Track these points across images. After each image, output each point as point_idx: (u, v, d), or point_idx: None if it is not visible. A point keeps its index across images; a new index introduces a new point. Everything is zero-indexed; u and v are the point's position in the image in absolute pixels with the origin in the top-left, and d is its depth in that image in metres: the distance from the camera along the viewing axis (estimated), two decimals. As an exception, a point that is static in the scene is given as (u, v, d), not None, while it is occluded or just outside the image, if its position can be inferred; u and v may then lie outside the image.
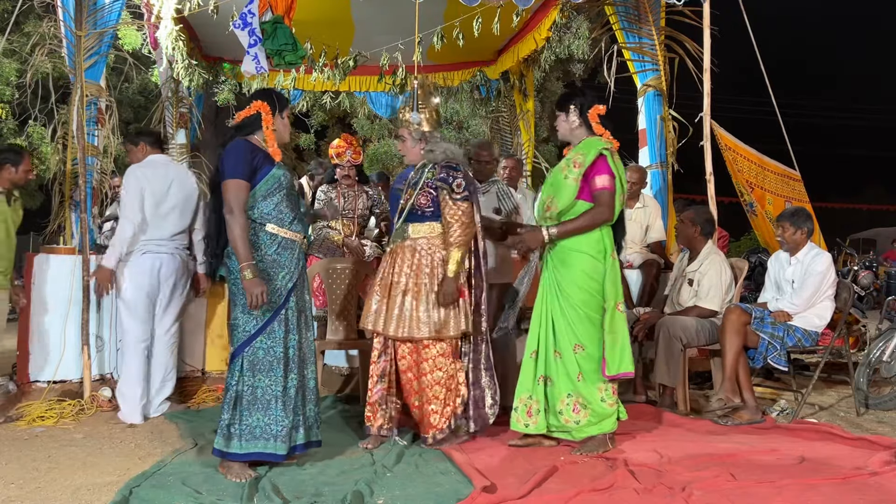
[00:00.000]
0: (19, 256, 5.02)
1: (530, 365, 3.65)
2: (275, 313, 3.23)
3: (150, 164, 4.37)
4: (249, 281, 3.11)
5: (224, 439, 3.18)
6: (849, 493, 2.97)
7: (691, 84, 5.69)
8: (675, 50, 5.83)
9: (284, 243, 3.28)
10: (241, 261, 3.13)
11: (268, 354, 3.21)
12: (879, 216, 23.88)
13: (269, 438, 3.19)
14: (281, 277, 3.25)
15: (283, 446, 3.20)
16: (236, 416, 3.19)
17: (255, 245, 3.23)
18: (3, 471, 3.33)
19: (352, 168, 5.29)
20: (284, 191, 3.29)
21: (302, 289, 3.38)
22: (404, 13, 5.47)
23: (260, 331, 3.21)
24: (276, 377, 3.21)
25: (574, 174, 3.57)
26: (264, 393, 3.20)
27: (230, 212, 3.16)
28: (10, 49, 9.19)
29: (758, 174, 5.85)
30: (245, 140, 3.30)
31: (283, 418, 3.20)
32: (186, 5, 5.11)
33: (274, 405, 3.20)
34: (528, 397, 3.62)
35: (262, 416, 3.19)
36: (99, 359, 4.81)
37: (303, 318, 3.36)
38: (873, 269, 10.24)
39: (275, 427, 3.20)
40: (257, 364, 3.21)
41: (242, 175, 3.19)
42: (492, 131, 8.68)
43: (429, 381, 3.66)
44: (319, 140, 13.83)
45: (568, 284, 3.56)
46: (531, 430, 3.61)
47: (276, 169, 3.28)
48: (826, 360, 4.48)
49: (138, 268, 4.22)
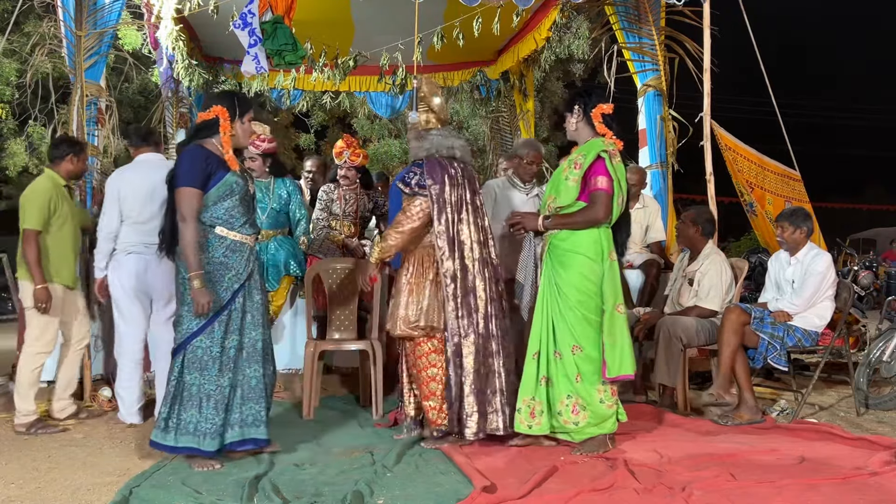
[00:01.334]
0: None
1: (532, 366, 3.64)
2: (216, 314, 3.32)
3: (133, 166, 4.27)
4: (197, 290, 3.24)
5: (161, 431, 3.31)
6: (849, 493, 2.97)
7: (691, 84, 5.69)
8: (675, 50, 5.83)
9: (233, 246, 3.37)
10: (191, 270, 3.24)
11: (206, 353, 3.33)
12: (879, 216, 23.86)
13: (199, 435, 3.30)
14: (227, 279, 3.35)
15: (213, 443, 3.31)
16: (174, 411, 3.31)
17: (203, 247, 3.32)
18: (3, 471, 3.34)
19: (350, 169, 5.28)
20: (237, 196, 3.38)
21: (253, 289, 3.46)
22: (404, 13, 5.48)
23: (201, 330, 3.31)
24: (210, 376, 3.32)
25: (574, 175, 3.58)
26: (199, 390, 3.31)
27: (182, 220, 3.27)
28: (10, 49, 9.19)
29: (758, 174, 5.85)
30: (199, 146, 3.37)
31: (213, 416, 3.31)
32: (186, 5, 5.11)
33: (206, 403, 3.31)
34: (531, 398, 3.61)
35: (196, 412, 3.31)
36: (99, 359, 4.82)
37: (249, 318, 3.43)
38: (873, 269, 10.22)
39: (205, 425, 3.30)
40: (195, 362, 3.32)
41: (194, 183, 3.28)
42: (492, 131, 8.68)
43: (424, 377, 3.69)
44: (319, 140, 13.84)
45: (566, 286, 3.56)
46: (535, 430, 3.60)
47: (229, 175, 3.36)
48: (826, 360, 4.48)
49: (123, 269, 4.12)
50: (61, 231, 4.15)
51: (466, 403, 3.60)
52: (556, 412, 3.58)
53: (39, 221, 4.06)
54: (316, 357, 4.42)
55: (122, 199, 4.12)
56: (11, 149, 10.06)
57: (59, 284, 4.14)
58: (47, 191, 4.12)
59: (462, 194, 3.69)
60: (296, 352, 5.08)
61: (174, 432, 3.30)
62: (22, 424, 4.03)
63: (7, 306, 9.92)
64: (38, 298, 4.03)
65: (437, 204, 3.62)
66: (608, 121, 3.63)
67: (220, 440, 3.33)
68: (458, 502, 2.88)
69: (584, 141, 3.67)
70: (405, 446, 3.64)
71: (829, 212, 17.74)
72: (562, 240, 3.60)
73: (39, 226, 4.06)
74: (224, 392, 3.33)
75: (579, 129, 3.70)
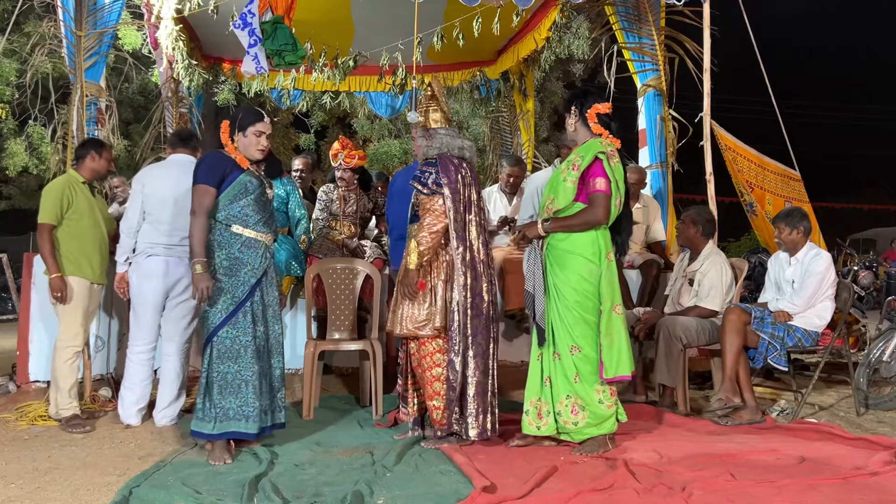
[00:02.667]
0: (19, 256, 5.01)
1: (537, 367, 3.65)
2: (238, 306, 3.52)
3: (161, 165, 4.35)
4: (198, 275, 3.44)
5: (199, 421, 3.48)
6: (849, 493, 2.97)
7: (691, 84, 5.70)
8: (675, 50, 5.83)
9: (248, 242, 3.57)
10: (193, 256, 3.45)
11: (234, 343, 3.51)
12: (879, 216, 23.87)
13: (242, 419, 3.49)
14: (244, 273, 3.54)
15: (255, 426, 3.51)
16: (208, 401, 3.48)
17: (221, 244, 3.53)
18: (3, 471, 3.34)
19: (346, 171, 5.28)
20: (252, 195, 3.59)
21: (269, 285, 3.66)
22: (404, 13, 5.48)
23: (224, 322, 3.49)
24: (245, 363, 3.51)
25: (572, 177, 3.58)
26: (234, 378, 3.49)
27: (193, 213, 3.51)
28: (10, 49, 9.19)
29: (758, 174, 5.85)
30: (218, 151, 3.66)
31: (253, 401, 3.51)
32: (186, 5, 5.12)
33: (245, 389, 3.50)
34: (537, 399, 3.62)
35: (234, 399, 3.49)
36: (99, 359, 4.82)
37: (271, 312, 3.66)
38: (873, 269, 10.23)
39: (246, 409, 3.49)
40: (225, 352, 3.50)
41: (209, 182, 3.52)
42: (492, 131, 8.69)
43: (429, 377, 3.69)
44: (319, 140, 13.82)
45: (564, 286, 3.56)
46: (542, 431, 3.61)
47: (242, 175, 3.59)
48: (826, 360, 4.48)
49: (144, 270, 4.12)
50: (79, 225, 4.18)
51: (471, 403, 3.62)
52: (557, 412, 3.58)
53: (52, 215, 4.12)
54: (316, 357, 4.42)
55: (145, 195, 4.15)
56: (11, 149, 10.05)
57: (79, 277, 4.16)
58: (61, 186, 4.19)
59: (469, 194, 3.71)
60: (296, 352, 5.09)
61: (213, 421, 3.45)
62: (60, 419, 4.09)
63: (7, 306, 9.93)
64: (53, 287, 4.09)
65: (453, 203, 3.63)
66: (605, 120, 3.64)
67: (260, 423, 3.52)
68: (458, 502, 2.88)
69: (583, 142, 3.68)
70: (405, 446, 3.64)
71: (829, 212, 17.72)
72: (560, 241, 3.60)
73: (52, 220, 4.12)
74: (258, 379, 3.52)
75: (577, 129, 3.71)
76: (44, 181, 5.82)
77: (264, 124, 3.65)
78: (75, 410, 4.12)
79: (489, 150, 8.84)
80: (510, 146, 8.18)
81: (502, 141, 8.39)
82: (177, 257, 4.10)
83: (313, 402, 4.40)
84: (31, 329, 4.83)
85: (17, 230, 16.16)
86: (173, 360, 4.18)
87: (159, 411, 4.15)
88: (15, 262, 7.60)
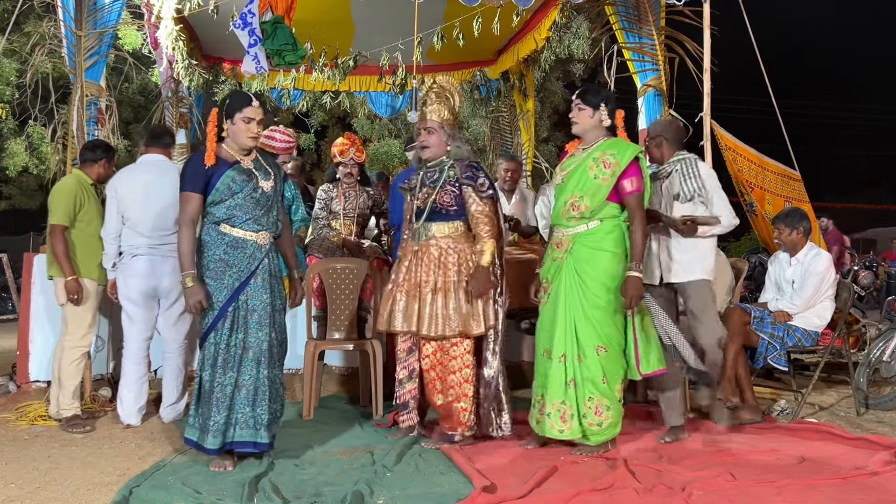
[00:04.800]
0: (19, 256, 5.00)
1: (560, 370, 3.56)
2: (221, 311, 3.33)
3: (132, 168, 4.29)
4: (188, 289, 3.29)
5: (190, 428, 3.37)
6: (849, 493, 2.97)
7: (691, 84, 5.69)
8: (675, 50, 5.82)
9: (234, 242, 3.36)
10: (183, 269, 3.30)
11: (216, 350, 3.34)
12: (879, 216, 23.87)
13: (203, 431, 3.32)
14: (228, 276, 3.34)
15: (215, 441, 3.29)
16: (196, 407, 3.38)
17: (208, 244, 3.36)
18: (3, 471, 3.34)
19: (355, 166, 5.28)
20: (239, 194, 3.36)
21: (260, 288, 3.38)
22: (404, 13, 5.48)
23: (211, 327, 3.35)
24: (216, 372, 3.34)
25: (606, 174, 3.53)
26: (210, 387, 3.33)
27: (178, 223, 3.38)
28: (10, 49, 9.19)
29: (758, 174, 5.84)
30: (200, 151, 3.44)
31: (216, 413, 3.30)
32: (186, 5, 5.11)
33: (212, 399, 3.33)
34: (560, 402, 3.55)
35: (205, 408, 3.34)
36: (99, 359, 4.82)
37: (255, 318, 3.36)
38: (873, 269, 10.24)
39: (208, 421, 3.31)
40: (209, 359, 3.35)
41: (193, 187, 3.34)
42: (492, 131, 8.67)
43: (457, 378, 3.67)
44: (319, 140, 13.82)
45: (594, 283, 3.51)
46: (566, 435, 3.55)
47: (228, 171, 3.36)
48: (826, 360, 4.48)
49: (129, 269, 4.10)
50: (89, 227, 4.20)
51: (505, 400, 3.70)
52: (582, 414, 3.54)
53: (65, 217, 4.13)
54: (316, 357, 4.42)
55: (119, 200, 4.11)
56: (11, 149, 10.05)
57: (88, 279, 4.18)
58: (73, 188, 4.19)
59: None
60: (296, 352, 5.08)
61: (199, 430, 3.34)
62: (61, 419, 4.09)
63: (7, 306, 9.92)
64: (69, 290, 4.08)
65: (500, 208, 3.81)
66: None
67: (223, 438, 3.31)
68: (457, 502, 2.89)
69: (596, 139, 3.65)
70: (405, 446, 3.64)
71: (829, 212, 17.72)
72: (587, 236, 3.57)
73: (65, 221, 4.13)
74: (226, 390, 3.31)
75: (602, 127, 3.65)
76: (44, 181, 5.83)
77: (252, 109, 3.35)
78: (76, 411, 4.12)
79: (489, 150, 8.82)
80: (510, 146, 8.17)
81: (502, 141, 8.37)
82: (161, 256, 4.08)
83: (313, 402, 4.39)
84: (32, 329, 4.83)
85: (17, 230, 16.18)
86: (173, 358, 4.21)
87: (165, 407, 4.18)
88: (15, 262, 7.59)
